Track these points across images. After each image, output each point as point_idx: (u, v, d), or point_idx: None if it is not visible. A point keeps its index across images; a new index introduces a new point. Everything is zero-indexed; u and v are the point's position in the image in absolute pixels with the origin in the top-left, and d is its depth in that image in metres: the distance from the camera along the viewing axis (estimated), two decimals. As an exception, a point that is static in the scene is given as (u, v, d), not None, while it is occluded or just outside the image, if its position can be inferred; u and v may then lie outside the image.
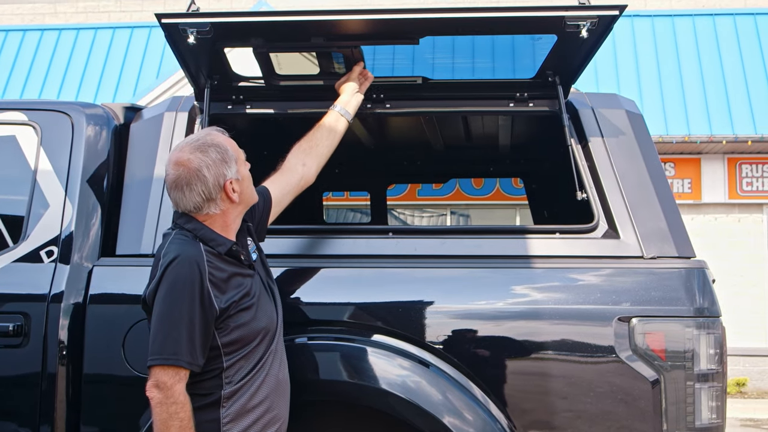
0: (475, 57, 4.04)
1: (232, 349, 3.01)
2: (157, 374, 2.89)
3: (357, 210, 14.67)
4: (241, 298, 3.04)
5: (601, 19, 3.35)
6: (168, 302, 2.92)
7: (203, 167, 3.05)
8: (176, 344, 2.89)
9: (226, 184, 3.07)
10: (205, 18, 3.45)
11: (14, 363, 3.50)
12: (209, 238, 3.05)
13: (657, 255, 3.44)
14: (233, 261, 3.08)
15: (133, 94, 15.32)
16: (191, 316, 2.91)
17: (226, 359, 3.00)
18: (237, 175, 3.11)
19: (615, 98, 3.92)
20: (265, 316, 3.13)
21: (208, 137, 3.13)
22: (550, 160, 5.40)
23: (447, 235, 3.68)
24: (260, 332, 3.08)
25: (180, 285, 2.92)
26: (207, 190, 3.05)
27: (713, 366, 3.28)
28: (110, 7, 18.68)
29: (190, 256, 2.97)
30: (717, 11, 16.07)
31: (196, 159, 3.05)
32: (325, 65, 3.97)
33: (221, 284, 3.00)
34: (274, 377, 3.12)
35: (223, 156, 3.09)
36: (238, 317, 3.02)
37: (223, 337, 2.99)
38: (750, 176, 15.26)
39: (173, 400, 2.87)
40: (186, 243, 3.02)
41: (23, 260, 3.62)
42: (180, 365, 2.89)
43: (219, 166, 3.07)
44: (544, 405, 3.32)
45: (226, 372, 3.00)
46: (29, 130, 3.79)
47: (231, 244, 3.09)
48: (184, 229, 3.08)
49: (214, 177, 3.05)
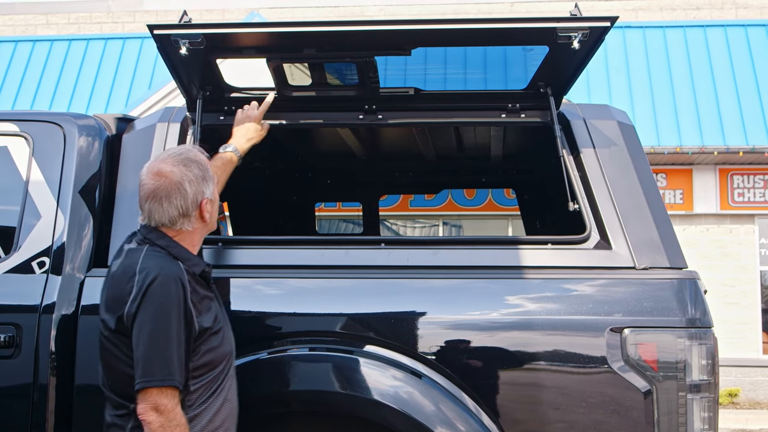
0: (467, 68, 4.05)
1: (200, 373, 2.97)
2: (155, 397, 2.81)
3: (349, 221, 14.67)
4: (213, 322, 3.01)
5: (592, 30, 3.36)
6: (159, 321, 2.84)
7: (185, 181, 3.01)
8: (170, 364, 2.82)
9: (203, 202, 3.05)
10: (197, 29, 3.45)
11: (5, 374, 3.48)
12: (184, 257, 3.01)
13: (649, 266, 3.44)
14: (203, 283, 3.06)
15: (125, 105, 15.31)
16: (179, 336, 2.86)
17: (193, 383, 2.94)
18: (212, 196, 3.10)
19: (607, 109, 3.92)
20: (229, 342, 3.11)
21: (191, 153, 3.10)
22: (542, 170, 5.41)
23: (439, 245, 3.68)
24: (226, 357, 3.06)
25: (168, 303, 2.86)
26: (185, 205, 3.01)
27: (705, 376, 3.28)
28: (102, 18, 18.69)
29: (174, 274, 2.91)
30: (708, 23, 16.14)
31: (179, 172, 3.02)
32: (317, 76, 3.98)
33: (198, 305, 2.97)
34: (230, 402, 3.09)
35: (204, 174, 3.07)
36: (210, 341, 2.99)
37: (195, 360, 2.95)
38: (741, 187, 15.30)
39: (176, 423, 2.82)
40: (164, 259, 2.96)
41: (15, 271, 3.61)
42: (175, 386, 2.83)
43: (200, 183, 3.04)
44: (536, 415, 3.31)
45: (190, 396, 2.94)
46: (21, 141, 3.78)
47: (204, 265, 3.07)
48: (155, 245, 3.02)
49: (194, 193, 3.02)
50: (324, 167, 5.96)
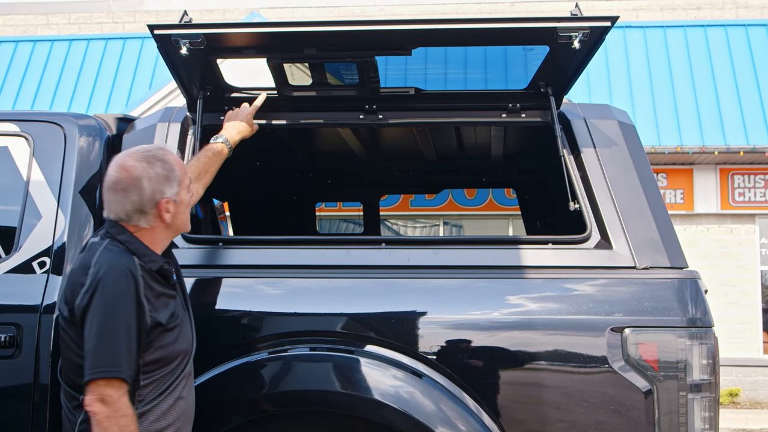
0: (467, 68, 4.05)
1: (151, 369, 2.98)
2: (101, 388, 2.84)
3: (350, 221, 14.68)
4: (168, 319, 3.02)
5: (593, 30, 3.36)
6: (107, 314, 2.87)
7: (144, 178, 3.03)
8: (119, 357, 2.85)
9: (161, 201, 3.05)
10: (197, 29, 3.46)
11: (6, 374, 3.48)
12: (142, 253, 3.03)
13: (649, 265, 3.44)
14: (161, 280, 3.06)
15: (125, 105, 15.31)
16: (129, 328, 2.88)
17: (143, 378, 2.96)
18: (176, 197, 3.09)
19: (607, 109, 3.92)
20: (186, 339, 3.12)
21: (159, 151, 3.12)
22: (542, 170, 5.41)
23: (440, 245, 3.68)
24: (180, 354, 3.07)
25: (119, 296, 2.89)
26: (141, 202, 3.02)
27: (706, 376, 3.28)
28: (103, 18, 18.69)
29: (125, 267, 2.94)
30: (709, 23, 16.14)
31: (140, 168, 3.03)
32: (317, 76, 3.98)
33: (152, 300, 2.98)
34: (183, 400, 3.10)
35: (168, 174, 3.07)
36: (163, 337, 3.00)
37: (146, 356, 2.96)
38: (742, 187, 15.30)
39: (122, 413, 2.84)
40: (119, 254, 2.98)
41: (15, 271, 3.61)
42: (123, 377, 2.85)
43: (160, 182, 3.05)
44: (536, 415, 3.31)
45: (140, 391, 2.97)
46: (21, 141, 3.78)
47: (162, 262, 3.07)
48: (115, 239, 3.04)
49: (152, 191, 3.03)
50: (324, 167, 5.96)
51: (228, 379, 3.41)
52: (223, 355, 3.44)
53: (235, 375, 3.41)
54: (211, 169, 3.63)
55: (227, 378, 3.41)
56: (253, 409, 3.42)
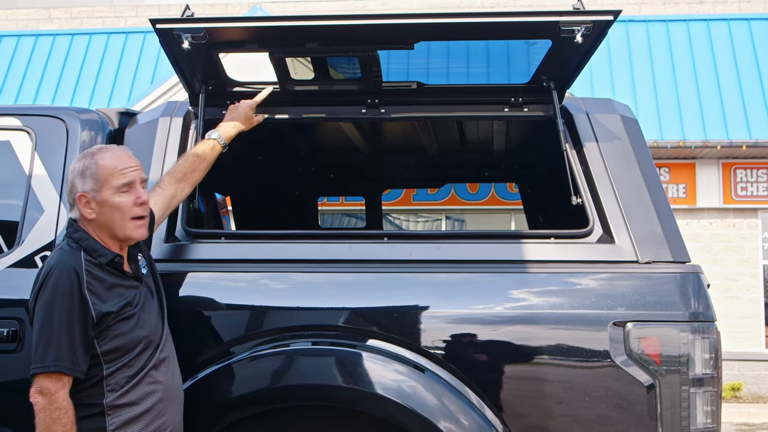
0: (470, 62, 4.04)
1: (112, 357, 3.07)
2: (41, 381, 2.96)
3: (352, 215, 14.67)
4: (121, 308, 3.10)
5: (595, 24, 3.36)
6: (47, 310, 2.99)
7: (70, 171, 3.20)
8: (57, 351, 2.95)
9: (76, 196, 3.15)
10: (199, 23, 3.45)
11: (9, 368, 3.50)
12: (92, 249, 3.13)
13: (652, 260, 3.44)
14: (114, 272, 3.14)
15: (127, 100, 15.30)
16: (70, 324, 2.97)
17: (107, 367, 3.06)
18: (95, 195, 3.14)
19: (610, 103, 3.92)
20: (147, 326, 3.17)
21: (96, 149, 3.24)
22: (545, 164, 5.41)
23: (442, 239, 3.68)
24: (141, 341, 3.13)
25: (59, 293, 2.99)
26: (67, 191, 3.20)
27: (708, 370, 3.28)
28: (105, 12, 18.68)
29: (68, 265, 3.04)
30: (711, 17, 16.11)
31: (74, 162, 3.21)
32: (319, 70, 3.97)
33: (101, 293, 3.06)
34: (162, 385, 3.17)
35: (84, 170, 3.16)
36: (118, 326, 3.08)
37: (103, 345, 3.05)
38: (745, 181, 15.29)
39: (56, 406, 2.94)
40: (66, 252, 3.10)
41: (18, 265, 3.61)
42: (61, 371, 2.95)
43: (75, 176, 3.17)
44: (539, 410, 3.32)
45: (107, 380, 3.06)
46: (24, 136, 3.78)
47: (113, 256, 3.15)
48: (71, 238, 3.16)
49: (71, 184, 3.17)
50: (327, 161, 5.96)
51: (230, 373, 3.42)
52: (225, 350, 3.45)
53: (236, 369, 3.41)
54: (201, 167, 3.67)
55: (228, 373, 3.41)
56: (255, 404, 3.42)
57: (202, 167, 3.67)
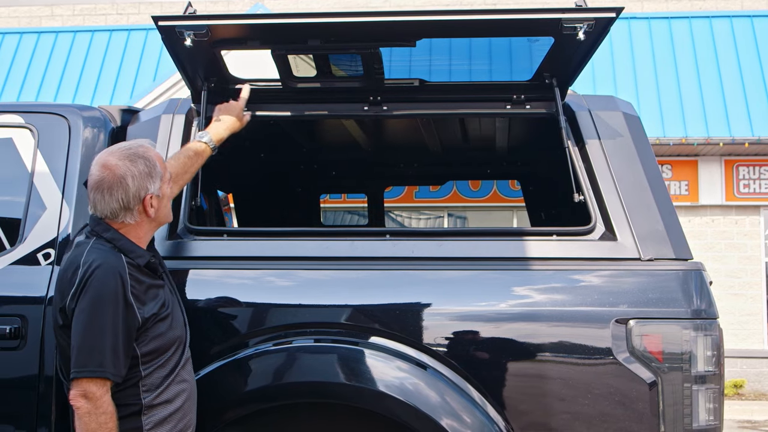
0: (472, 59, 4.04)
1: (150, 359, 3.07)
2: (85, 384, 2.93)
3: (354, 212, 14.68)
4: (159, 309, 3.10)
5: (597, 21, 3.35)
6: (91, 313, 2.95)
7: (128, 176, 3.09)
8: (102, 356, 2.93)
9: (146, 197, 3.12)
10: (201, 20, 3.45)
11: (12, 365, 3.50)
12: (129, 249, 3.09)
13: (654, 257, 3.44)
14: (149, 273, 3.13)
15: (130, 97, 15.31)
16: (115, 328, 2.95)
17: (144, 368, 3.06)
18: (158, 192, 3.16)
19: (612, 100, 3.92)
20: (179, 325, 3.19)
21: (140, 148, 3.18)
22: (547, 162, 5.40)
23: (444, 237, 3.68)
24: (175, 341, 3.15)
25: (105, 295, 2.96)
26: (126, 199, 3.09)
27: (710, 368, 3.28)
28: (107, 9, 18.67)
29: (113, 267, 3.00)
30: (714, 13, 16.10)
31: (123, 166, 3.10)
32: (322, 68, 3.97)
33: (141, 296, 3.05)
34: (188, 384, 3.20)
35: (150, 170, 3.13)
36: (156, 328, 3.08)
37: (142, 347, 3.04)
38: (747, 178, 15.28)
39: (102, 410, 2.93)
40: (107, 253, 3.05)
41: (20, 263, 3.61)
42: (106, 377, 2.93)
43: (144, 179, 3.11)
44: (541, 407, 3.32)
45: (144, 381, 3.06)
46: (26, 133, 3.78)
47: (149, 257, 3.14)
48: (101, 237, 3.10)
49: (137, 188, 3.10)
50: (329, 158, 5.96)
51: (232, 370, 3.42)
52: (227, 347, 3.45)
53: (238, 367, 3.42)
54: (191, 169, 3.64)
55: (231, 370, 3.42)
56: (257, 401, 3.43)
57: (193, 170, 3.65)
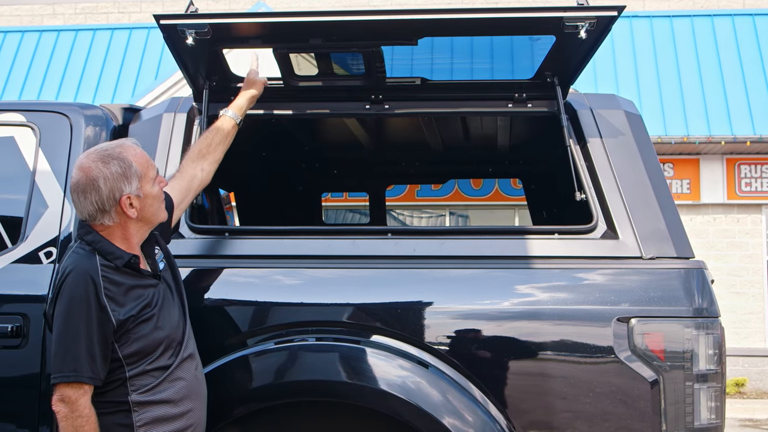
0: (473, 58, 4.04)
1: (135, 360, 3.05)
2: (62, 389, 2.94)
3: (356, 211, 14.68)
4: (140, 311, 3.06)
5: (599, 19, 3.35)
6: (65, 319, 2.96)
7: (100, 178, 3.05)
8: (76, 360, 2.93)
9: (122, 199, 3.07)
10: (203, 19, 3.45)
11: (13, 364, 3.50)
12: (107, 251, 3.07)
13: (656, 255, 3.43)
14: (132, 273, 3.10)
15: (131, 95, 15.32)
16: (89, 331, 2.94)
17: (130, 369, 3.04)
18: (138, 192, 3.10)
19: (613, 99, 3.91)
20: (168, 326, 3.14)
21: (117, 149, 3.13)
22: (548, 160, 5.40)
23: (446, 235, 3.68)
24: (162, 342, 3.10)
25: (76, 301, 2.95)
26: (100, 201, 3.06)
27: (712, 366, 3.28)
28: (109, 8, 18.68)
29: (84, 270, 2.99)
30: (715, 12, 16.08)
31: (96, 168, 3.06)
32: (323, 66, 3.97)
33: (119, 297, 3.02)
34: (187, 382, 3.16)
35: (125, 171, 3.08)
36: (138, 329, 3.05)
37: (124, 349, 3.02)
38: (749, 177, 15.27)
39: (78, 414, 2.93)
40: (81, 257, 3.04)
41: (22, 261, 3.62)
42: (81, 381, 2.93)
43: (117, 181, 3.06)
44: (543, 405, 3.32)
45: (131, 381, 3.04)
46: (28, 131, 3.79)
47: (129, 257, 3.09)
48: (83, 240, 3.10)
49: (110, 190, 3.05)
50: (330, 157, 5.96)
51: (233, 369, 3.42)
52: (229, 346, 3.45)
53: (240, 365, 3.42)
54: (216, 141, 3.65)
55: (233, 368, 3.42)
56: (259, 400, 3.43)
57: (218, 141, 3.65)
